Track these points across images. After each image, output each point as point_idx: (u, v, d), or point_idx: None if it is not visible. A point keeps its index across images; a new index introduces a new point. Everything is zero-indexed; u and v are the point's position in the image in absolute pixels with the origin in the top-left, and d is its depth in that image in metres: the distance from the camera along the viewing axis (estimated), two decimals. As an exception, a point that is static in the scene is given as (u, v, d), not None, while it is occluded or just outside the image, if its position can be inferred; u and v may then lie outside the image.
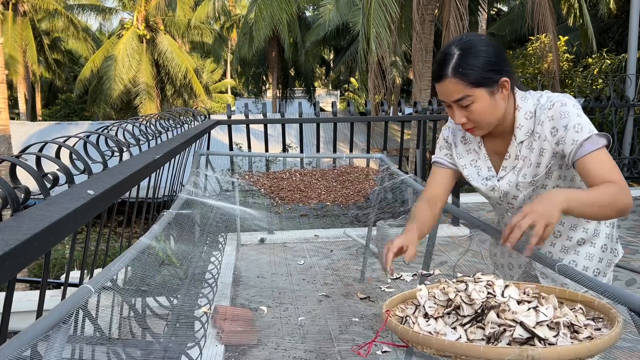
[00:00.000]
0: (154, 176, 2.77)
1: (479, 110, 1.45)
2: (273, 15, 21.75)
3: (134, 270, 1.68)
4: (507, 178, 1.58)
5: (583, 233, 1.61)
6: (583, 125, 1.41)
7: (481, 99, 1.44)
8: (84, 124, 20.68)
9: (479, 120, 1.48)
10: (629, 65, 7.90)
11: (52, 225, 1.21)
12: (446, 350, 1.00)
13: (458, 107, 1.47)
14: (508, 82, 1.47)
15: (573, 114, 1.43)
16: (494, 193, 1.62)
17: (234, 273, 4.26)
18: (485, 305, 1.08)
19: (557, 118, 1.44)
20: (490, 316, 1.05)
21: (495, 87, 1.45)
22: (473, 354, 0.97)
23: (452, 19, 11.01)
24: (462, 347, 0.99)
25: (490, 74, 1.43)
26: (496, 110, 1.47)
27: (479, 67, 1.42)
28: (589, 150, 1.39)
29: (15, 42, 23.86)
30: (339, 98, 33.32)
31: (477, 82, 1.43)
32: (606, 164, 1.38)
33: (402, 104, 6.33)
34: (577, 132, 1.41)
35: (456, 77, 1.43)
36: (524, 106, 1.52)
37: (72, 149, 1.82)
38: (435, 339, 1.02)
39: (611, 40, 12.85)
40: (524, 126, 1.52)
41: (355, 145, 7.65)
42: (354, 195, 3.83)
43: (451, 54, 1.45)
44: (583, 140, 1.40)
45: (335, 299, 3.72)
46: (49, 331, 1.00)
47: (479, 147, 1.64)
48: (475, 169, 1.65)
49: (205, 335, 2.19)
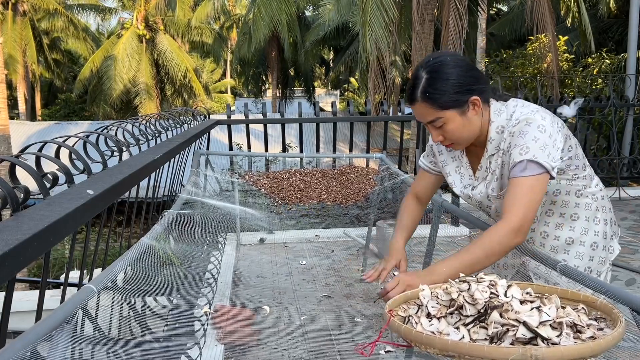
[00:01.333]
0: (154, 176, 2.76)
1: (452, 129, 1.49)
2: (272, 15, 21.76)
3: (134, 270, 1.68)
4: (479, 188, 1.63)
5: (570, 232, 1.61)
6: (531, 148, 1.41)
7: (452, 119, 1.47)
8: (84, 124, 20.67)
9: (454, 137, 1.51)
10: (628, 65, 7.90)
11: (52, 225, 1.20)
12: (449, 350, 1.00)
13: (432, 127, 1.51)
14: (479, 101, 1.48)
15: (530, 135, 1.43)
16: (470, 201, 1.69)
17: (233, 273, 4.26)
18: (488, 305, 1.08)
19: (516, 135, 1.46)
20: (493, 316, 1.05)
21: (465, 107, 1.47)
22: (476, 354, 0.97)
23: (451, 19, 11.01)
24: (465, 346, 0.99)
25: (458, 96, 1.45)
26: (470, 127, 1.50)
27: (445, 91, 1.44)
28: (515, 174, 1.41)
29: (15, 41, 23.85)
30: (339, 98, 33.31)
31: (446, 105, 1.45)
32: (518, 194, 1.39)
33: (402, 103, 6.33)
34: (519, 154, 1.42)
35: (425, 101, 1.46)
36: (497, 120, 1.53)
37: (72, 149, 1.82)
38: (438, 339, 1.02)
39: (611, 40, 12.85)
40: (494, 140, 1.54)
41: (355, 145, 7.64)
42: (354, 195, 3.82)
43: (419, 77, 1.47)
44: (517, 162, 1.41)
45: (336, 299, 3.72)
46: (53, 331, 0.99)
47: (462, 156, 1.68)
48: (459, 176, 1.69)
49: (205, 335, 2.19)
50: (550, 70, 9.68)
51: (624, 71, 8.41)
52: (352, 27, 17.52)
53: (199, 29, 26.66)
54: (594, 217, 1.62)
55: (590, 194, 1.62)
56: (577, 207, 1.60)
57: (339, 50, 24.57)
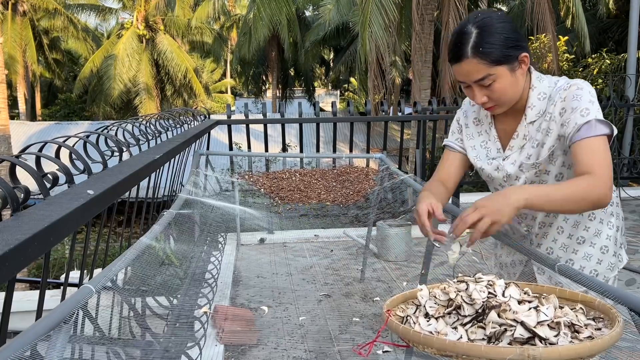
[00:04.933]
0: (154, 176, 2.77)
1: (501, 88, 1.43)
2: (272, 15, 21.77)
3: (134, 270, 1.68)
4: (512, 157, 1.56)
5: (584, 231, 1.56)
6: (591, 111, 1.37)
7: (503, 77, 1.42)
8: (84, 124, 20.67)
9: (500, 98, 1.45)
10: (628, 65, 7.90)
11: (52, 225, 1.20)
12: (447, 350, 1.00)
13: (479, 87, 1.44)
14: (528, 58, 1.44)
15: (585, 98, 1.40)
16: (498, 173, 1.59)
17: (233, 273, 4.26)
18: (486, 305, 1.08)
19: (569, 99, 1.41)
20: (491, 316, 1.05)
21: (515, 64, 1.43)
22: (474, 354, 0.97)
23: (451, 19, 11.01)
24: (463, 346, 0.99)
25: (511, 51, 1.41)
26: (517, 86, 1.46)
27: (499, 45, 1.39)
28: (583, 135, 1.36)
29: (15, 41, 23.84)
30: (339, 98, 33.32)
31: (499, 60, 1.40)
32: (595, 153, 1.34)
33: (402, 104, 6.33)
34: (581, 116, 1.37)
35: (476, 56, 1.39)
36: (539, 86, 1.49)
37: (72, 149, 1.82)
38: (436, 339, 1.02)
39: (611, 40, 12.85)
40: (535, 106, 1.49)
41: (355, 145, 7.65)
42: (354, 195, 3.83)
43: (468, 32, 1.41)
44: (582, 124, 1.37)
45: (336, 299, 3.72)
46: (51, 331, 0.99)
47: (490, 128, 1.61)
48: (485, 150, 1.62)
49: (205, 335, 2.19)
50: (551, 70, 9.68)
51: (624, 71, 8.41)
52: (352, 27, 17.54)
53: (199, 29, 26.66)
54: (608, 221, 1.58)
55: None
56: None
57: (339, 50, 24.58)
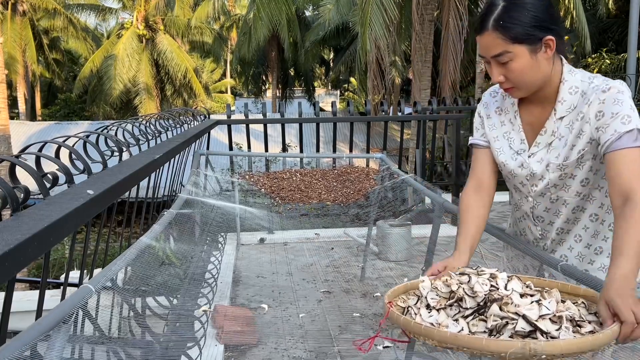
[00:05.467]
0: (154, 176, 2.76)
1: (518, 69, 1.35)
2: (272, 15, 21.77)
3: (134, 270, 1.68)
4: (538, 155, 1.46)
5: (602, 242, 1.47)
6: (633, 119, 1.29)
7: (520, 56, 1.34)
8: (84, 124, 20.66)
9: (517, 80, 1.37)
10: (628, 65, 7.91)
11: (52, 225, 1.20)
12: (448, 342, 1.00)
13: (496, 64, 1.37)
14: (553, 42, 1.35)
15: (627, 104, 1.31)
16: (522, 170, 1.49)
17: (233, 273, 4.26)
18: (487, 298, 1.08)
19: (609, 103, 1.32)
20: (492, 309, 1.05)
21: (538, 46, 1.34)
22: (475, 347, 0.97)
23: (451, 19, 11.01)
24: (464, 339, 0.98)
25: (534, 31, 1.33)
26: (537, 71, 1.36)
27: (522, 22, 1.32)
28: (625, 145, 1.27)
29: (15, 41, 23.83)
30: (339, 98, 33.30)
31: (518, 38, 1.32)
32: (636, 165, 1.26)
33: (402, 104, 6.33)
34: (623, 124, 1.28)
35: (496, 30, 1.33)
36: (570, 80, 1.40)
37: (72, 149, 1.82)
38: (437, 331, 1.02)
39: (611, 40, 12.85)
40: (566, 101, 1.40)
41: (355, 145, 7.65)
42: (354, 195, 3.82)
43: (496, 4, 1.35)
44: (624, 132, 1.28)
45: (336, 298, 3.72)
46: (50, 331, 0.99)
47: (515, 118, 1.51)
48: (508, 142, 1.52)
49: (205, 335, 2.19)
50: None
51: (624, 71, 8.41)
52: (352, 27, 17.53)
53: (199, 29, 26.65)
54: None
55: None
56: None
57: (339, 50, 24.57)
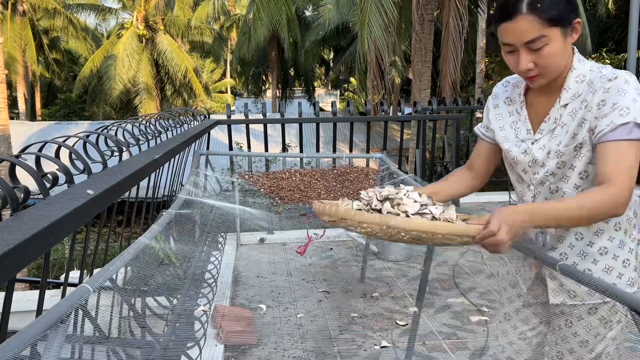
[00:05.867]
0: (154, 176, 2.77)
1: (551, 53, 1.32)
2: (271, 15, 21.78)
3: (133, 270, 1.68)
4: (541, 142, 1.46)
5: (607, 242, 1.43)
6: (632, 111, 1.28)
7: (555, 40, 1.31)
8: (84, 124, 20.67)
9: (547, 65, 1.34)
10: (628, 65, 7.90)
11: (52, 225, 1.20)
12: (341, 217, 1.33)
13: (527, 51, 1.33)
14: (580, 24, 1.35)
15: (630, 95, 1.29)
16: (525, 157, 1.49)
17: (233, 273, 4.26)
18: (385, 197, 1.38)
19: (613, 92, 1.31)
20: (385, 205, 1.36)
21: (569, 28, 1.33)
22: (350, 217, 1.31)
23: (451, 19, 11.01)
24: (348, 213, 1.32)
25: (567, 13, 1.32)
26: (565, 55, 1.36)
27: (557, 3, 1.30)
28: (617, 137, 1.27)
29: (15, 41, 23.84)
30: (339, 98, 33.32)
31: (555, 20, 1.30)
32: (622, 159, 1.26)
33: (402, 104, 6.34)
34: (620, 115, 1.28)
35: (533, 13, 1.29)
36: (579, 68, 1.40)
37: (72, 149, 1.82)
38: (334, 208, 1.35)
39: (610, 40, 12.85)
40: (572, 89, 1.40)
41: (355, 145, 7.64)
42: (354, 195, 3.82)
43: None
44: (619, 124, 1.27)
45: (335, 298, 3.72)
46: (47, 331, 0.99)
47: (521, 108, 1.52)
48: (514, 131, 1.53)
49: (205, 335, 2.19)
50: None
51: (623, 71, 8.41)
52: (352, 27, 17.53)
53: (199, 29, 26.67)
54: (631, 233, 1.45)
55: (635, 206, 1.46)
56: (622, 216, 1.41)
57: (339, 50, 24.57)
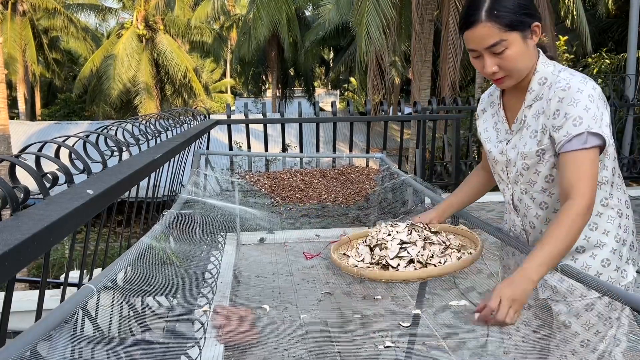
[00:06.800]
0: (154, 176, 2.76)
1: (513, 56, 1.41)
2: (271, 15, 21.77)
3: (134, 270, 1.68)
4: (512, 142, 1.54)
5: (583, 241, 1.47)
6: (584, 120, 1.34)
7: (515, 44, 1.40)
8: (84, 124, 20.67)
9: (511, 67, 1.43)
10: (628, 64, 7.91)
11: (52, 225, 1.20)
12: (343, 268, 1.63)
13: (490, 55, 1.42)
14: (539, 28, 1.43)
15: (582, 104, 1.36)
16: (502, 157, 1.57)
17: (233, 273, 4.26)
18: (377, 243, 1.64)
19: (566, 103, 1.38)
20: (375, 250, 1.62)
21: (527, 32, 1.41)
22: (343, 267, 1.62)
23: (451, 18, 11.01)
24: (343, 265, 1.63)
25: (523, 17, 1.40)
26: (527, 58, 1.43)
27: (513, 10, 1.38)
28: (574, 147, 1.35)
29: (15, 41, 23.83)
30: (339, 98, 33.31)
31: (512, 25, 1.39)
32: (581, 169, 1.33)
33: (402, 103, 6.33)
34: (574, 126, 1.35)
35: (490, 20, 1.39)
36: (542, 71, 1.47)
37: (72, 149, 1.82)
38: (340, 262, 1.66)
39: (610, 39, 12.85)
40: (534, 91, 1.47)
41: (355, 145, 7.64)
42: (355, 195, 3.82)
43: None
44: (574, 135, 1.34)
45: (336, 298, 3.72)
46: (52, 331, 0.99)
47: (499, 109, 1.60)
48: (496, 132, 1.61)
49: (205, 335, 2.19)
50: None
51: (623, 71, 8.41)
52: (352, 26, 17.52)
53: (199, 29, 26.65)
54: (615, 234, 1.48)
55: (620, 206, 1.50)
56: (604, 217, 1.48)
57: (339, 50, 24.58)
